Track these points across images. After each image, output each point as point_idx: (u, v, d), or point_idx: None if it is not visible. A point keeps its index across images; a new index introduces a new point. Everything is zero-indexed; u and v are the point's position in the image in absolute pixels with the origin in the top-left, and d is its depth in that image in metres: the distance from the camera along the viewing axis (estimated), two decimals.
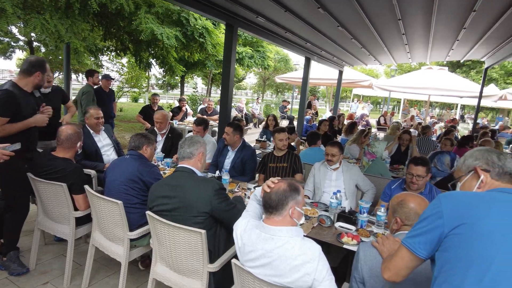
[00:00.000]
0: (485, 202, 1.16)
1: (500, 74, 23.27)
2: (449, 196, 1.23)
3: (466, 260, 1.10)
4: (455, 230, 1.14)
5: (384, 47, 7.22)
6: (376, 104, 36.51)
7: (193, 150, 2.35)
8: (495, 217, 1.11)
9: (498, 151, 1.38)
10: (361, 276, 1.67)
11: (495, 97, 10.95)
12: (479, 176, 1.34)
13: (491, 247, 1.07)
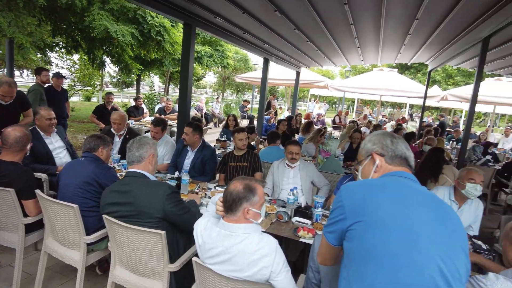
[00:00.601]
0: (378, 193, 1.23)
1: (442, 76, 25.21)
2: (349, 190, 1.29)
3: (366, 249, 1.15)
4: (355, 225, 1.20)
5: (338, 50, 7.56)
6: (332, 103, 37.89)
7: (142, 153, 2.26)
8: (387, 205, 1.18)
9: (393, 134, 1.43)
10: (316, 265, 1.80)
11: (438, 98, 11.87)
12: (375, 160, 1.40)
13: (386, 234, 1.13)
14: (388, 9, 4.53)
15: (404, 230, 1.13)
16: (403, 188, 1.25)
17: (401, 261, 1.10)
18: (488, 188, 5.98)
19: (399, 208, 1.17)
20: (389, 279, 1.10)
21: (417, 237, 1.12)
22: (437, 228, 1.15)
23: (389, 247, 1.12)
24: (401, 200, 1.20)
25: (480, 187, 2.70)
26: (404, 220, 1.14)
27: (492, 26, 4.69)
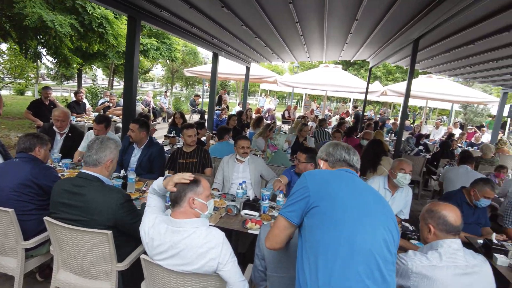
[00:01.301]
0: (336, 179, 1.57)
1: (383, 72, 26.97)
2: (312, 174, 1.60)
3: (329, 222, 1.44)
4: (317, 202, 1.48)
5: (285, 47, 7.77)
6: (282, 98, 38.73)
7: (100, 158, 2.17)
8: (344, 187, 1.52)
9: (337, 143, 1.79)
10: (262, 252, 1.91)
11: (378, 93, 12.73)
12: (320, 164, 1.79)
13: (345, 208, 1.45)
14: (330, 9, 4.77)
15: (359, 206, 1.47)
16: (351, 178, 1.62)
17: (358, 228, 1.41)
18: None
19: (353, 190, 1.52)
20: (349, 242, 1.38)
21: (369, 211, 1.47)
22: (379, 207, 1.51)
23: (349, 217, 1.43)
24: (353, 185, 1.56)
25: (409, 176, 3.01)
26: (358, 198, 1.50)
27: (421, 29, 5.15)
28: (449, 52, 6.60)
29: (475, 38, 5.31)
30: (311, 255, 1.44)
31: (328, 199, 1.47)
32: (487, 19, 4.22)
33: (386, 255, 1.42)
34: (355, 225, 1.42)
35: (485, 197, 3.02)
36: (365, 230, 1.42)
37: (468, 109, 20.96)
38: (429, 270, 1.68)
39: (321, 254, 1.41)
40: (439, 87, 11.56)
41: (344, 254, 1.38)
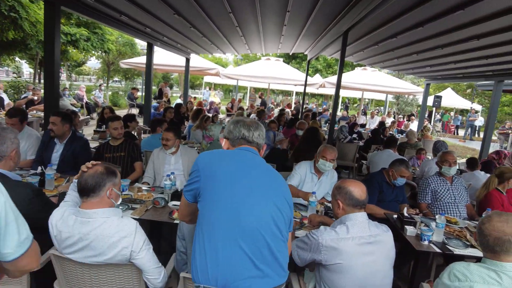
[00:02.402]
0: (228, 157, 1.60)
1: (323, 66, 28.09)
2: (202, 156, 1.62)
3: (213, 200, 1.48)
4: (204, 183, 1.51)
5: (223, 38, 7.70)
6: (228, 91, 38.59)
7: (2, 150, 1.93)
8: (232, 168, 1.53)
9: (239, 120, 1.75)
10: (182, 232, 1.91)
11: (317, 85, 13.22)
12: (222, 142, 1.77)
13: (230, 185, 1.48)
14: (261, 0, 4.79)
15: (246, 184, 1.49)
16: (244, 156, 1.62)
17: (242, 207, 1.44)
18: (353, 162, 7.01)
19: (242, 169, 1.54)
20: (233, 222, 1.42)
21: (257, 189, 1.50)
22: (269, 184, 1.55)
23: (233, 196, 1.46)
24: (242, 164, 1.57)
25: (330, 164, 3.16)
26: (246, 177, 1.52)
27: (349, 21, 5.39)
28: (377, 45, 7.01)
29: (398, 32, 5.69)
30: (201, 236, 1.47)
31: (213, 180, 1.49)
32: (406, 13, 4.53)
33: (275, 232, 1.46)
34: (239, 204, 1.44)
35: (401, 176, 3.28)
36: (250, 209, 1.44)
37: (400, 100, 22.70)
38: (337, 242, 1.78)
39: (207, 235, 1.44)
40: (373, 79, 12.30)
41: (229, 234, 1.41)
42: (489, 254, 1.71)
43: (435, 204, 3.52)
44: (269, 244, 1.44)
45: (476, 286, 1.66)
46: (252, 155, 1.65)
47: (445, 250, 2.51)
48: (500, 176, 3.57)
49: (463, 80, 11.07)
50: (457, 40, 5.56)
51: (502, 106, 27.07)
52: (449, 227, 2.92)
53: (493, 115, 8.24)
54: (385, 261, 1.84)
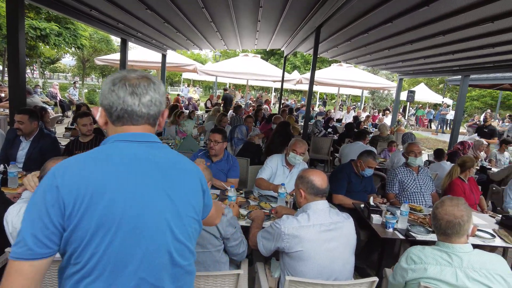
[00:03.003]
0: (99, 167, 0.98)
1: (301, 62, 28.34)
2: (61, 168, 0.97)
3: (96, 224, 0.94)
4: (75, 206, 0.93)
5: (198, 34, 7.64)
6: (209, 88, 38.32)
7: None
8: (110, 177, 0.96)
9: (118, 77, 1.03)
10: None
11: (294, 81, 13.34)
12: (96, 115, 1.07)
13: (115, 204, 0.95)
14: None
15: (131, 201, 0.97)
16: (127, 158, 1.00)
17: (134, 229, 0.97)
18: (328, 155, 7.15)
19: (122, 178, 0.97)
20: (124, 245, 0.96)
21: (144, 202, 0.98)
22: (165, 192, 1.02)
23: (121, 216, 0.96)
24: (125, 171, 0.98)
25: (300, 157, 3.23)
26: (129, 191, 0.97)
27: (321, 17, 5.48)
28: (350, 41, 7.15)
29: (369, 28, 5.81)
30: None
31: (91, 200, 0.93)
32: (374, 9, 4.63)
33: (177, 246, 1.06)
34: (127, 223, 0.96)
35: (368, 167, 3.38)
36: (144, 228, 0.98)
37: (375, 95, 23.22)
38: (298, 230, 1.83)
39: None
40: (348, 75, 12.51)
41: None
42: (442, 237, 1.81)
43: (402, 193, 3.66)
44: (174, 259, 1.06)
45: (430, 268, 1.75)
46: (147, 149, 1.04)
47: (408, 236, 2.62)
48: (462, 165, 3.75)
49: (433, 75, 11.44)
50: (425, 36, 5.74)
51: (472, 100, 28.19)
52: (414, 215, 3.04)
53: (460, 108, 8.58)
54: (345, 248, 1.91)
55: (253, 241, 2.07)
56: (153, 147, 1.06)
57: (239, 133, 4.70)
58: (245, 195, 3.15)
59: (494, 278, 1.66)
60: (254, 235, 2.07)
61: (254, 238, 2.06)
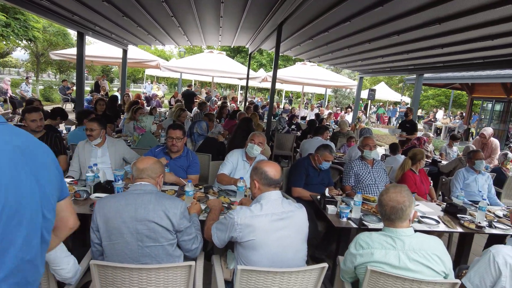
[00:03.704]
0: None
1: (267, 60, 28.53)
2: None
3: None
4: None
5: (160, 29, 7.47)
6: (174, 85, 37.56)
7: None
8: None
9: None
10: (96, 224, 1.85)
11: (260, 79, 13.42)
12: None
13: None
14: None
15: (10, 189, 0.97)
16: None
17: (15, 216, 0.98)
18: (291, 151, 7.28)
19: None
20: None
21: (22, 190, 1.01)
22: (33, 176, 1.05)
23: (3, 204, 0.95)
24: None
25: (257, 147, 3.27)
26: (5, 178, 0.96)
27: (283, 14, 5.54)
28: (312, 39, 7.30)
29: (329, 26, 5.96)
30: None
31: None
32: (333, 8, 4.76)
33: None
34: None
35: (325, 160, 3.49)
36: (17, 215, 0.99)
37: (338, 93, 23.92)
38: (251, 220, 1.86)
39: None
40: (312, 73, 12.79)
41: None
42: (387, 222, 1.92)
43: (358, 185, 3.81)
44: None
45: (376, 252, 1.85)
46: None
47: (361, 225, 2.74)
48: (413, 158, 3.97)
49: (390, 73, 11.99)
50: (381, 35, 5.99)
51: (428, 99, 29.87)
52: (367, 205, 3.18)
53: (415, 106, 9.05)
54: (296, 236, 1.96)
55: (208, 233, 2.07)
56: (5, 128, 1.05)
57: (198, 128, 4.66)
58: (204, 190, 3.13)
59: (431, 258, 1.79)
60: (209, 227, 2.07)
61: (208, 231, 2.07)
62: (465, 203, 3.58)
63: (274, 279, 1.80)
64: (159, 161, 2.14)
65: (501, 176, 5.26)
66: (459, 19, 4.27)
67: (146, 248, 1.84)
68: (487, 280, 1.81)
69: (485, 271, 1.82)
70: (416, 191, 3.79)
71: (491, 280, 1.80)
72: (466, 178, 4.23)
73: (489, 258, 1.81)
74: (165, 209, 1.87)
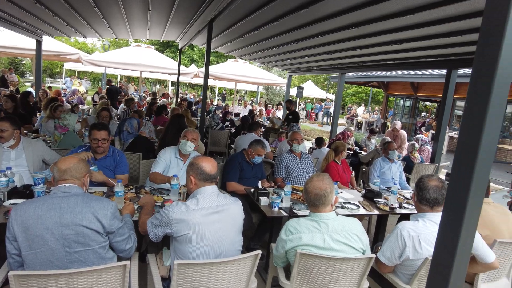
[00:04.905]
0: None
1: (199, 56, 28.15)
2: None
3: None
4: None
5: (80, 19, 6.92)
6: (98, 81, 34.95)
7: None
8: None
9: None
10: (13, 233, 1.70)
11: (191, 75, 13.21)
12: None
13: None
14: None
15: None
16: None
17: None
18: (225, 147, 7.36)
19: None
20: None
21: None
22: None
23: None
24: None
25: (191, 144, 3.28)
26: None
27: (213, 10, 5.56)
28: (243, 37, 7.42)
29: (259, 25, 6.12)
30: None
31: None
32: (262, 8, 4.91)
33: None
34: None
35: (258, 155, 3.63)
36: None
37: (269, 91, 24.67)
38: (186, 214, 1.90)
39: None
40: (244, 71, 12.98)
41: None
42: (312, 208, 2.10)
43: (288, 177, 4.04)
44: None
45: (304, 236, 2.01)
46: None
47: (291, 213, 2.93)
48: (335, 150, 4.33)
49: (316, 72, 12.75)
50: (307, 36, 6.35)
51: (351, 96, 32.40)
52: (296, 195, 3.40)
53: (338, 103, 9.78)
54: (231, 228, 2.04)
55: (143, 228, 2.06)
56: None
57: (129, 126, 4.46)
58: (135, 190, 3.04)
59: (351, 237, 2.01)
60: (144, 222, 2.06)
61: (144, 225, 2.06)
62: (381, 189, 4.04)
63: (211, 270, 1.85)
64: (83, 159, 2.03)
65: (410, 163, 6.00)
66: (373, 24, 4.73)
67: (75, 254, 1.75)
68: (396, 251, 2.10)
69: (394, 245, 2.11)
70: (339, 180, 4.15)
71: (399, 251, 2.09)
72: (382, 167, 4.74)
73: (396, 233, 2.10)
74: (94, 211, 1.79)
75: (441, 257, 1.35)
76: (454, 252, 1.29)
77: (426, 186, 2.16)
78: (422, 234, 2.06)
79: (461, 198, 1.27)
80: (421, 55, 6.41)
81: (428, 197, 2.14)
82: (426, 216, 2.15)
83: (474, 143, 1.24)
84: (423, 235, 2.05)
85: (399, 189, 4.17)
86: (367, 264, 2.04)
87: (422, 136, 7.32)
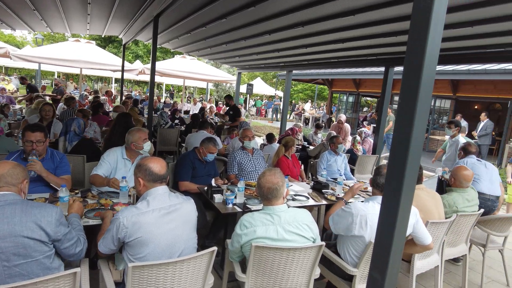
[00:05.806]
0: None
1: (144, 52, 27.06)
2: None
3: None
4: None
5: (7, 10, 6.29)
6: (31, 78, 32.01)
7: None
8: None
9: None
10: None
11: (136, 71, 12.67)
12: None
13: None
14: None
15: None
16: None
17: None
18: (176, 146, 7.21)
19: None
20: None
21: None
22: None
23: None
24: None
25: (148, 143, 3.20)
26: None
27: (159, 6, 5.39)
28: (190, 33, 7.30)
29: (206, 22, 6.07)
30: None
31: None
32: (208, 5, 4.88)
33: None
34: None
35: (210, 153, 3.64)
36: None
37: (219, 87, 24.54)
38: (137, 217, 1.86)
39: None
40: (192, 67, 12.76)
41: None
42: (265, 202, 2.17)
43: (241, 173, 4.09)
44: None
45: (258, 229, 2.08)
46: None
47: (245, 208, 2.98)
48: (285, 145, 4.48)
49: (265, 69, 12.95)
50: (255, 34, 6.44)
51: (298, 92, 33.39)
52: (250, 190, 3.47)
53: (286, 99, 10.06)
54: (185, 226, 2.04)
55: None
56: None
57: (77, 127, 4.17)
58: (82, 194, 2.88)
59: (302, 227, 2.12)
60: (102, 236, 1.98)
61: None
62: (328, 180, 4.26)
63: (167, 270, 1.84)
64: (19, 164, 1.88)
65: (353, 156, 6.38)
66: (317, 23, 4.94)
67: (15, 268, 1.63)
68: (343, 223, 2.40)
69: (342, 218, 2.41)
70: (290, 174, 4.30)
71: (345, 224, 2.37)
72: (329, 160, 4.99)
73: (349, 210, 2.36)
74: (36, 219, 1.68)
75: (383, 232, 1.57)
76: (393, 227, 1.54)
77: (380, 171, 2.47)
78: (369, 214, 2.31)
79: (398, 181, 1.48)
80: (362, 54, 6.82)
81: (379, 182, 2.44)
82: (376, 199, 2.42)
83: (407, 131, 1.44)
84: (371, 215, 2.30)
85: (345, 179, 4.44)
86: (317, 252, 2.16)
87: (365, 129, 7.83)
